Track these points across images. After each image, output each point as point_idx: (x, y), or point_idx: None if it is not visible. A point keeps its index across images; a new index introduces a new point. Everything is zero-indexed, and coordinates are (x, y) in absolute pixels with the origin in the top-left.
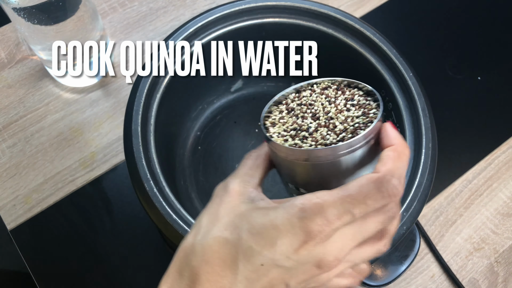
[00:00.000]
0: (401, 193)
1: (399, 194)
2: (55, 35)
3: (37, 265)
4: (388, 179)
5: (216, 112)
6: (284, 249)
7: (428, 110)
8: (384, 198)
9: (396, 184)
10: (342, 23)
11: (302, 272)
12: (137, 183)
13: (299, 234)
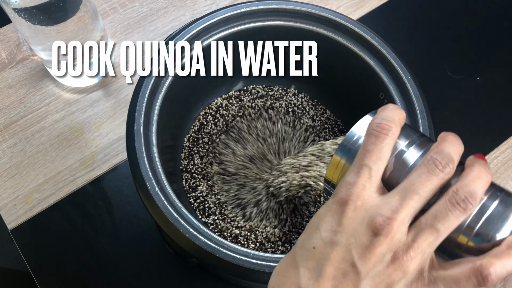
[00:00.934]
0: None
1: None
2: (55, 36)
3: (38, 265)
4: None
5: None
6: (327, 225)
7: (426, 112)
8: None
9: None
10: (342, 26)
11: (358, 243)
12: (139, 182)
13: (336, 208)
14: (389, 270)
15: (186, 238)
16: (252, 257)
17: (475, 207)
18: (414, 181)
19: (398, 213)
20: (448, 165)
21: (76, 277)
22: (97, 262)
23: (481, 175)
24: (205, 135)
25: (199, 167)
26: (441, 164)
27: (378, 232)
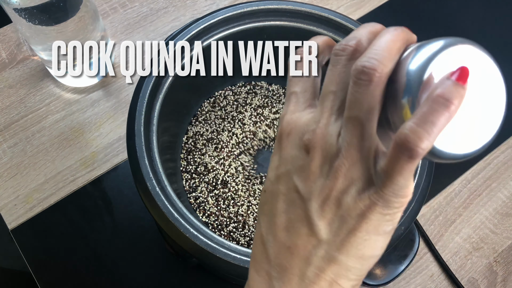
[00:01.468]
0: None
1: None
2: (56, 36)
3: (38, 265)
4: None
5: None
6: (272, 165)
7: None
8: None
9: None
10: (342, 26)
11: (296, 167)
12: (139, 182)
13: (276, 145)
14: (331, 182)
15: (186, 238)
16: None
17: (381, 72)
18: (325, 82)
19: (320, 120)
20: (347, 46)
21: (76, 277)
22: (97, 262)
23: (385, 37)
24: (206, 135)
25: (200, 167)
26: (340, 49)
27: (308, 147)
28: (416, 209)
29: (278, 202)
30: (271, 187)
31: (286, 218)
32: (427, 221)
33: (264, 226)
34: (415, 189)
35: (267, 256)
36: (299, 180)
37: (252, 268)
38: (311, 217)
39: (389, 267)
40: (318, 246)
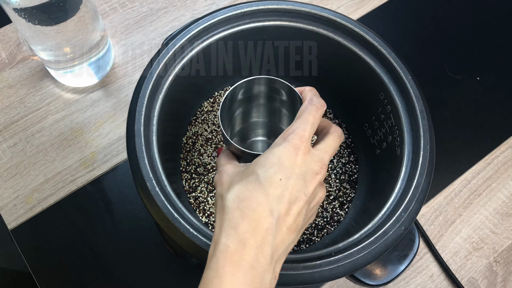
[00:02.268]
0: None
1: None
2: (55, 36)
3: (38, 265)
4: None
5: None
6: (287, 163)
7: (426, 113)
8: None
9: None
10: (342, 26)
11: (310, 176)
12: (139, 182)
13: (291, 151)
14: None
15: (186, 238)
16: None
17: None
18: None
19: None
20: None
21: (76, 277)
22: (97, 262)
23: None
24: (205, 135)
25: (199, 167)
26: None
27: (322, 170)
28: (416, 209)
29: (287, 193)
30: (286, 180)
31: (289, 206)
32: (427, 221)
33: (274, 203)
34: (415, 189)
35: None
36: (305, 185)
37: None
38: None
39: (389, 267)
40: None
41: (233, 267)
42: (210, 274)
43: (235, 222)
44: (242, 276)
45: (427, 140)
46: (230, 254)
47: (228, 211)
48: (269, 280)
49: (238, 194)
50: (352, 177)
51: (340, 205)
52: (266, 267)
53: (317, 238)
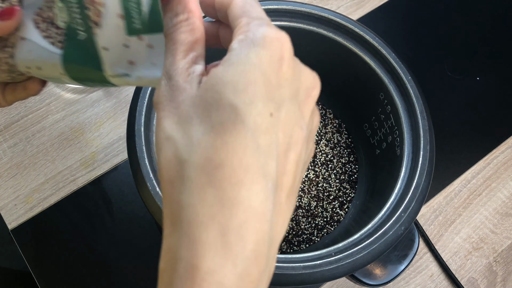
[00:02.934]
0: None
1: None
2: None
3: (38, 265)
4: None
5: None
6: (273, 79)
7: (426, 113)
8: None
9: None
10: (342, 26)
11: (303, 95)
12: (139, 182)
13: (274, 56)
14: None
15: None
16: None
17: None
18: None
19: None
20: None
21: (76, 277)
22: (97, 262)
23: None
24: None
25: None
26: None
27: (314, 86)
28: (416, 209)
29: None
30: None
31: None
32: (427, 221)
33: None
34: (415, 189)
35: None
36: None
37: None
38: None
39: (388, 267)
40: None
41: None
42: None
43: (206, 217)
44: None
45: (427, 140)
46: (199, 282)
47: (190, 191)
48: (264, 284)
49: (208, 154)
50: (352, 177)
51: (340, 205)
52: (259, 276)
53: (317, 238)
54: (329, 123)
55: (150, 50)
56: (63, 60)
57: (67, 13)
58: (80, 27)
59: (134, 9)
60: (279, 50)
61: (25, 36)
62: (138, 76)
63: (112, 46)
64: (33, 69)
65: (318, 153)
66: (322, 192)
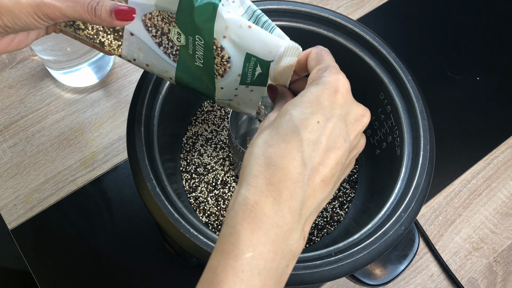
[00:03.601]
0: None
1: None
2: (56, 36)
3: (38, 264)
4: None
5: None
6: (326, 103)
7: (426, 113)
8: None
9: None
10: (342, 26)
11: (353, 119)
12: (139, 182)
13: (330, 89)
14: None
15: (186, 238)
16: None
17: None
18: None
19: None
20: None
21: (76, 277)
22: (97, 262)
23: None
24: (205, 135)
25: (199, 167)
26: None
27: (365, 114)
28: (416, 209)
29: (324, 137)
30: (325, 123)
31: (326, 152)
32: (427, 221)
33: (308, 150)
34: (415, 189)
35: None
36: (346, 130)
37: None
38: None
39: (389, 267)
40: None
41: (253, 223)
42: (226, 231)
43: (258, 170)
44: (263, 235)
45: (427, 140)
46: (249, 208)
47: (252, 158)
48: (296, 240)
49: (267, 139)
50: (352, 177)
51: (340, 205)
52: (293, 225)
53: (317, 238)
54: None
55: (251, 92)
56: (177, 74)
57: (185, 40)
58: (200, 60)
59: (250, 73)
60: (335, 85)
61: (133, 32)
62: (237, 103)
63: (226, 87)
64: (138, 62)
65: None
66: None
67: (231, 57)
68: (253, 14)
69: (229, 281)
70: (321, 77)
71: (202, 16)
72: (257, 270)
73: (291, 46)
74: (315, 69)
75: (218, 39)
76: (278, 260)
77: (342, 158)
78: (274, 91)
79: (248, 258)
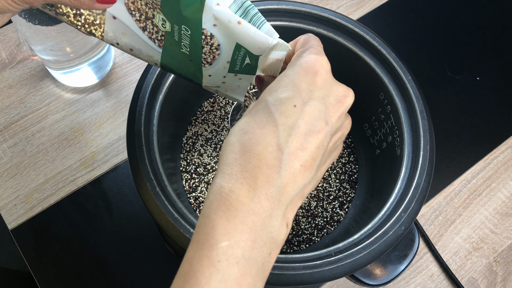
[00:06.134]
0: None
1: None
2: (56, 36)
3: (38, 264)
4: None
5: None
6: (304, 86)
7: (426, 113)
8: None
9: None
10: (342, 26)
11: (333, 100)
12: (139, 182)
13: (307, 70)
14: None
15: (186, 238)
16: None
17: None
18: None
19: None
20: None
21: (76, 277)
22: (97, 262)
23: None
24: (205, 135)
25: (199, 167)
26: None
27: (345, 93)
28: (416, 209)
29: (302, 122)
30: (302, 106)
31: (305, 138)
32: (427, 221)
33: (283, 136)
34: (415, 189)
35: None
36: (328, 112)
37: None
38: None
39: (389, 267)
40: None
41: (228, 211)
42: (202, 221)
43: (233, 158)
44: (239, 223)
45: (427, 140)
46: (224, 196)
47: (227, 146)
48: (277, 227)
49: (242, 126)
50: (352, 177)
51: (340, 205)
52: (272, 211)
53: (317, 238)
54: None
55: (240, 80)
56: (163, 60)
57: (170, 27)
58: (187, 48)
59: (239, 61)
60: (312, 65)
61: (116, 16)
62: (225, 89)
63: (214, 75)
64: (122, 46)
65: None
66: (322, 192)
67: (221, 44)
68: (242, 5)
69: (205, 271)
70: (298, 58)
71: (189, 7)
72: (235, 259)
73: (280, 43)
74: (299, 50)
75: (208, 28)
76: (258, 248)
77: (324, 142)
78: (261, 81)
79: (224, 247)
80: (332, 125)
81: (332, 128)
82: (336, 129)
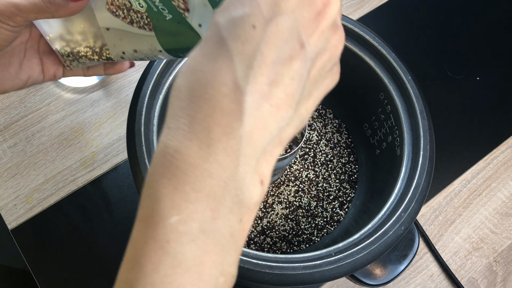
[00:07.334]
0: None
1: None
2: None
3: (38, 264)
4: None
5: None
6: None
7: (426, 113)
8: None
9: None
10: (342, 26)
11: (308, 15)
12: (139, 182)
13: None
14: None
15: None
16: (253, 257)
17: None
18: None
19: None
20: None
21: (76, 277)
22: (97, 262)
23: None
24: None
25: None
26: None
27: (326, 4)
28: (416, 209)
29: (269, 48)
30: (265, 26)
31: (275, 70)
32: (427, 221)
33: (242, 69)
34: (415, 189)
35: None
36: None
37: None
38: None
39: (389, 267)
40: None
41: (175, 178)
42: (145, 193)
43: (179, 107)
44: (191, 190)
45: (427, 140)
46: (169, 159)
47: (173, 93)
48: (246, 188)
49: (189, 63)
50: (352, 177)
51: (340, 205)
52: (236, 169)
53: (317, 238)
54: (329, 123)
55: None
56: (160, 41)
57: (145, 2)
58: (165, 10)
59: None
60: None
61: (107, 26)
62: None
63: (203, 21)
64: (128, 54)
65: (318, 153)
66: (322, 192)
67: None
68: None
69: (151, 256)
70: None
71: None
72: (190, 237)
73: None
74: None
75: None
76: (221, 217)
77: (301, 70)
78: None
79: (173, 223)
80: (311, 46)
81: (311, 50)
82: (319, 51)
